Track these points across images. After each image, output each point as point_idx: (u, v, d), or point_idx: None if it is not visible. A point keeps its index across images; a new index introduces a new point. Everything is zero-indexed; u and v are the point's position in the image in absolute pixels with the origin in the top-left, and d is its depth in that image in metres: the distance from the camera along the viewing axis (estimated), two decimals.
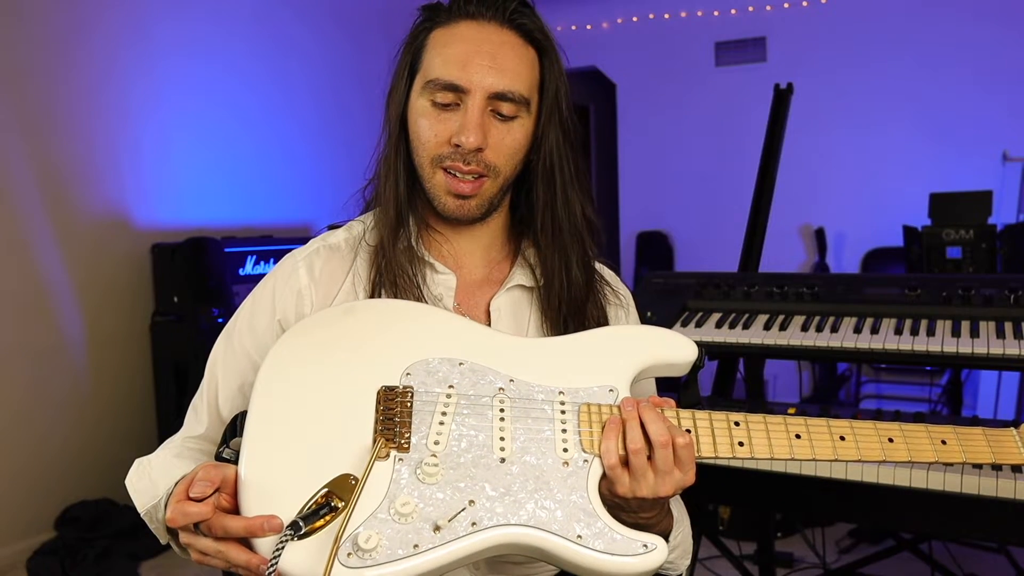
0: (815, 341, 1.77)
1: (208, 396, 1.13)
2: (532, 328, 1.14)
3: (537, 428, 0.95)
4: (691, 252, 5.68)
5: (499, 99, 1.04)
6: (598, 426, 0.95)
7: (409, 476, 0.90)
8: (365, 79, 5.01)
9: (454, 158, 1.04)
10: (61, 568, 3.00)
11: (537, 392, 0.97)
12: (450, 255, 1.14)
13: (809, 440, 0.97)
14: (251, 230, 4.18)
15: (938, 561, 2.44)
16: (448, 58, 1.05)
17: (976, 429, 1.00)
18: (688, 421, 0.97)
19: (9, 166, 3.17)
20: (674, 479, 0.93)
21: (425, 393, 0.95)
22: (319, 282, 1.11)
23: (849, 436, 0.98)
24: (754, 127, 3.07)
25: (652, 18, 5.71)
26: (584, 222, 1.14)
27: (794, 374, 4.77)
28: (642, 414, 0.93)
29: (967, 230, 3.03)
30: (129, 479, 1.08)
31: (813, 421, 0.99)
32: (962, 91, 4.83)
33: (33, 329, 3.27)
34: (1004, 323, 1.71)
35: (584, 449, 0.94)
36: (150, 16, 3.72)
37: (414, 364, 0.98)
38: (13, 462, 3.18)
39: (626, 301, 1.24)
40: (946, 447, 0.98)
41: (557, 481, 0.92)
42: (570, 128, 1.12)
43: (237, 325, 1.14)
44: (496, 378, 0.98)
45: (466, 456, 0.92)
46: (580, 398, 0.97)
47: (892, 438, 0.98)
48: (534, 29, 1.08)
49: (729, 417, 0.98)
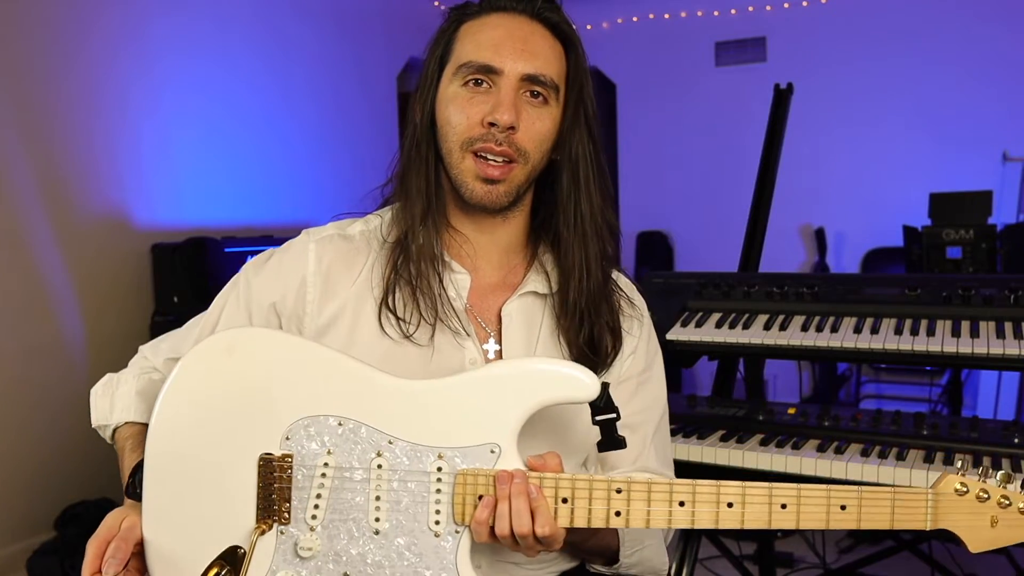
0: (815, 341, 1.77)
1: (203, 329, 1.15)
2: (543, 336, 1.13)
3: (411, 498, 0.95)
4: (691, 252, 5.68)
5: (531, 81, 1.06)
6: (472, 497, 0.94)
7: (290, 551, 0.95)
8: (365, 79, 5.01)
9: (486, 139, 1.04)
10: (61, 568, 3.00)
11: (415, 455, 0.96)
12: (467, 256, 1.13)
13: (692, 508, 0.95)
14: (251, 230, 4.17)
15: (938, 561, 2.44)
16: (481, 43, 1.06)
17: (885, 491, 0.96)
18: (567, 490, 0.94)
19: (9, 166, 3.16)
20: (539, 549, 0.95)
21: (303, 464, 0.96)
22: (324, 274, 1.11)
23: (737, 503, 0.95)
24: (754, 127, 3.07)
25: (652, 18, 5.71)
26: (604, 221, 1.13)
27: (794, 374, 4.77)
28: (512, 499, 0.93)
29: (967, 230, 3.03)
30: (95, 390, 1.18)
31: (703, 487, 0.95)
32: (962, 91, 4.84)
33: (33, 329, 3.26)
34: (1004, 323, 1.71)
35: (456, 521, 0.95)
36: (149, 15, 3.71)
37: (293, 425, 0.96)
38: (13, 462, 3.18)
39: (640, 312, 1.23)
40: (844, 513, 0.95)
41: (429, 552, 0.95)
42: (594, 127, 1.13)
43: (245, 276, 1.15)
44: (375, 440, 0.96)
45: (342, 528, 0.95)
46: (457, 464, 0.95)
47: (785, 504, 0.94)
48: (561, 23, 1.10)
49: (611, 484, 0.95)
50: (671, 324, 1.93)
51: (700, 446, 1.75)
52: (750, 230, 2.40)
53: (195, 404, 0.97)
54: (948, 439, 1.65)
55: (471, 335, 1.10)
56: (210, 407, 0.97)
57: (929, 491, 0.95)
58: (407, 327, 1.07)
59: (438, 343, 1.08)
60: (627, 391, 1.17)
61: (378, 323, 1.07)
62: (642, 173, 5.83)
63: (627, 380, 1.18)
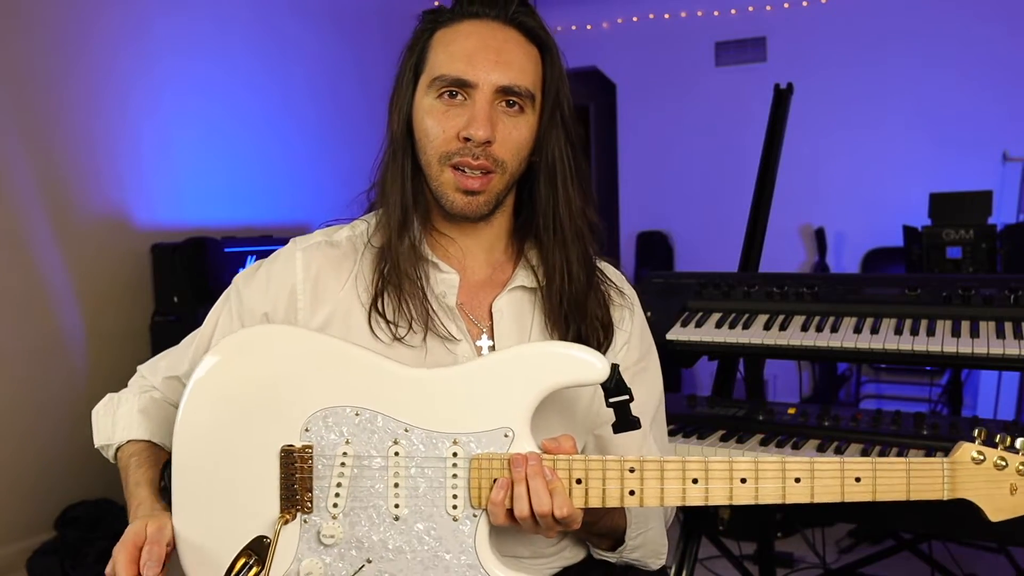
0: (815, 341, 1.77)
1: (198, 345, 1.15)
2: (535, 329, 1.14)
3: (428, 484, 0.97)
4: (691, 252, 5.68)
5: (506, 92, 1.05)
6: (487, 481, 0.96)
7: (313, 539, 0.98)
8: (365, 79, 5.01)
9: (463, 153, 1.04)
10: (61, 568, 3.00)
11: (431, 442, 0.98)
12: (454, 256, 1.14)
13: (705, 485, 0.96)
14: (251, 230, 4.17)
15: (938, 561, 2.44)
16: (454, 54, 1.05)
17: (900, 462, 0.96)
18: (581, 471, 0.96)
19: (9, 166, 3.17)
20: (559, 530, 0.96)
21: (323, 454, 0.98)
22: (312, 281, 1.11)
23: (751, 478, 0.96)
24: (754, 127, 3.07)
25: (652, 18, 5.71)
26: (585, 221, 1.13)
27: (794, 374, 4.77)
28: (529, 479, 0.94)
29: (967, 230, 3.03)
30: (96, 411, 1.18)
31: (715, 464, 0.97)
32: (962, 91, 4.83)
33: (33, 329, 3.26)
34: (1004, 323, 1.70)
35: (473, 505, 0.97)
36: (150, 15, 3.71)
37: (312, 417, 0.99)
38: (13, 462, 3.18)
39: (630, 301, 1.23)
40: (859, 485, 0.95)
41: (448, 536, 0.97)
42: (571, 127, 1.13)
43: (236, 289, 1.16)
44: (391, 429, 0.98)
45: (363, 515, 0.98)
46: (472, 449, 0.97)
47: (799, 477, 0.95)
48: (536, 27, 1.09)
49: (624, 464, 0.96)
50: (671, 324, 1.93)
51: (700, 446, 1.75)
52: (750, 230, 2.40)
53: (217, 402, 1.00)
54: (948, 439, 1.65)
55: (463, 332, 1.10)
56: (231, 404, 1.00)
57: (945, 460, 0.96)
58: (397, 330, 1.07)
59: (430, 343, 1.08)
60: None
61: (368, 327, 1.08)
62: (642, 173, 5.83)
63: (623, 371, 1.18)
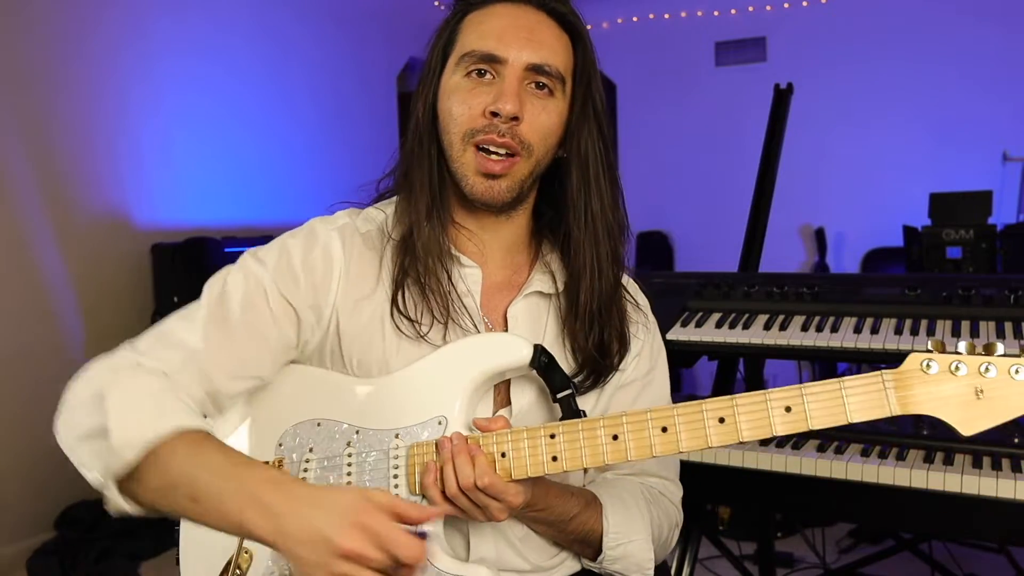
0: (815, 341, 1.77)
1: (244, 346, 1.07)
2: (548, 338, 1.11)
3: (374, 475, 1.03)
4: (691, 252, 5.68)
5: (536, 72, 1.03)
6: (422, 467, 0.99)
7: None
8: (364, 79, 5.01)
9: (488, 131, 1.01)
10: (61, 568, 3.00)
11: (377, 439, 1.04)
12: (476, 249, 1.11)
13: (625, 441, 0.95)
14: (251, 230, 4.17)
15: (938, 561, 2.44)
16: (484, 32, 1.04)
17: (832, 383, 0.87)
18: (505, 444, 0.98)
19: (9, 166, 3.16)
20: (496, 507, 0.95)
21: (292, 463, 1.07)
22: (351, 265, 1.08)
23: (671, 426, 0.93)
24: (754, 127, 3.06)
25: (652, 18, 5.72)
26: (616, 219, 1.11)
27: (794, 374, 4.76)
28: (455, 457, 0.95)
29: (967, 230, 3.03)
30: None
31: (633, 417, 0.95)
32: (962, 91, 4.84)
33: (33, 329, 3.26)
34: (1004, 323, 1.70)
35: (413, 492, 1.00)
36: (150, 16, 3.71)
37: (284, 433, 1.08)
38: (13, 462, 3.18)
39: (645, 315, 1.21)
40: (791, 415, 0.89)
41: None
42: (604, 124, 1.10)
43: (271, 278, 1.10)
44: (344, 432, 1.05)
45: None
46: (411, 438, 1.02)
47: (723, 418, 0.91)
48: (568, 13, 1.08)
49: (545, 430, 0.97)
50: (671, 324, 1.93)
51: None
52: (750, 230, 2.40)
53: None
54: (948, 439, 1.65)
55: (484, 331, 1.08)
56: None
57: (886, 372, 0.88)
58: (420, 327, 1.05)
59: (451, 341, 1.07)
60: (630, 394, 1.17)
61: (392, 323, 1.06)
62: (642, 173, 5.83)
63: (631, 383, 1.17)
